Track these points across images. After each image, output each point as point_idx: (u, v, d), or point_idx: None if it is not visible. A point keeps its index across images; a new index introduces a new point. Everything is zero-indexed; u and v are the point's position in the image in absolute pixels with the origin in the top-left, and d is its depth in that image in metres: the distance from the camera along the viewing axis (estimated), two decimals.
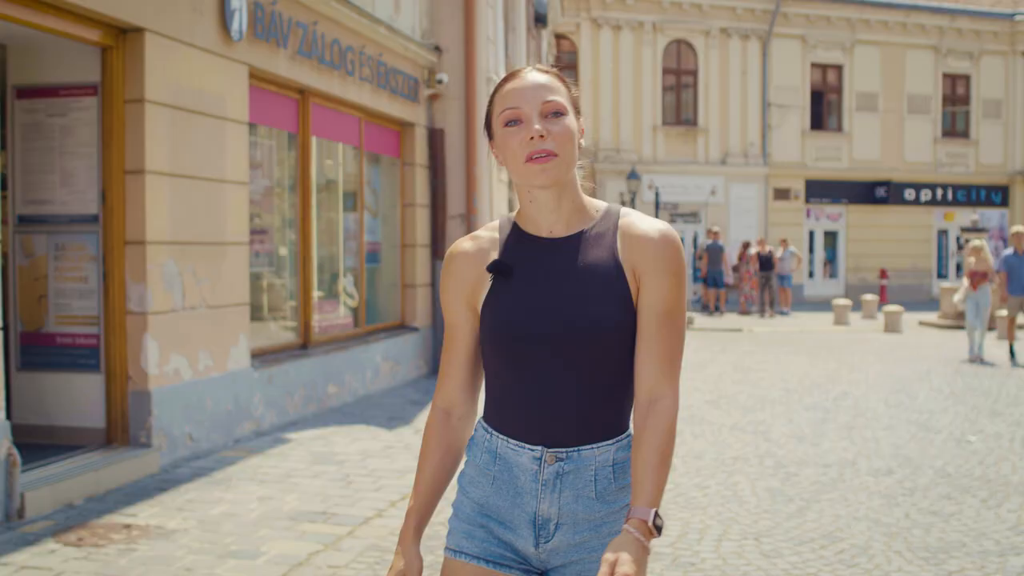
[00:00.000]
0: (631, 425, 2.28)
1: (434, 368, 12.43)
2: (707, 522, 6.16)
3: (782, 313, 25.59)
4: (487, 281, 2.31)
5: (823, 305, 28.38)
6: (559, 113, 2.23)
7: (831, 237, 32.71)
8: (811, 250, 32.36)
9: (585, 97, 30.22)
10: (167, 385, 7.35)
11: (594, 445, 2.25)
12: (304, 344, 9.93)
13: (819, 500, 6.71)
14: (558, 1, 24.75)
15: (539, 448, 2.26)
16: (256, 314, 9.15)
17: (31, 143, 7.34)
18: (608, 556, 2.03)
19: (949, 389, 11.99)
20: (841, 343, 18.18)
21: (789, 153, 31.98)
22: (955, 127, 33.65)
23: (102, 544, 5.51)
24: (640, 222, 2.30)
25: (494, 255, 2.33)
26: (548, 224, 2.30)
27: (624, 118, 30.79)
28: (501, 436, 2.31)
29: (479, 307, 2.33)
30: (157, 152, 7.21)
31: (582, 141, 2.30)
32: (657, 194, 21.54)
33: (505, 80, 2.30)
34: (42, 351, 7.30)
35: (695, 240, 30.44)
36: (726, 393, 11.70)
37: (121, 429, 7.18)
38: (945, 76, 33.31)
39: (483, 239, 2.38)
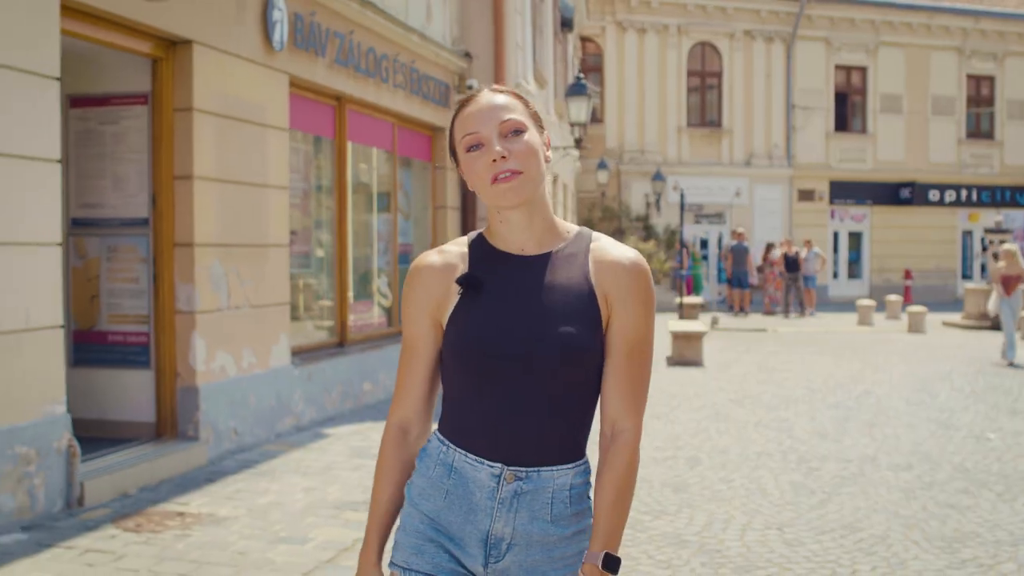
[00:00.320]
0: (585, 455, 2.29)
1: None
2: (732, 513, 6.43)
3: (811, 314, 25.69)
4: (454, 295, 2.28)
5: (847, 306, 28.51)
6: (518, 131, 2.22)
7: (855, 238, 32.84)
8: (835, 251, 32.50)
9: (610, 99, 30.49)
10: (213, 381, 7.68)
11: (554, 467, 2.23)
12: (341, 343, 10.26)
13: (840, 493, 6.96)
14: (584, 5, 25.02)
15: (499, 465, 2.23)
16: (294, 313, 9.47)
17: (84, 150, 7.68)
18: None
19: (970, 388, 12.20)
20: (865, 343, 18.37)
21: (813, 154, 32.13)
22: (979, 128, 33.74)
23: (159, 530, 5.84)
24: (612, 248, 2.29)
25: (462, 269, 2.30)
26: (519, 242, 2.29)
27: (649, 120, 31.00)
28: (459, 450, 2.27)
29: (444, 321, 2.30)
30: (204, 158, 7.54)
31: (549, 153, 2.29)
32: (682, 195, 21.74)
33: (462, 105, 2.29)
34: (94, 348, 7.63)
35: (719, 241, 30.62)
36: (750, 392, 11.95)
37: (170, 423, 7.51)
38: (969, 77, 33.40)
39: (451, 253, 2.34)
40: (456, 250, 2.33)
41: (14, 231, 5.80)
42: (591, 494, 2.28)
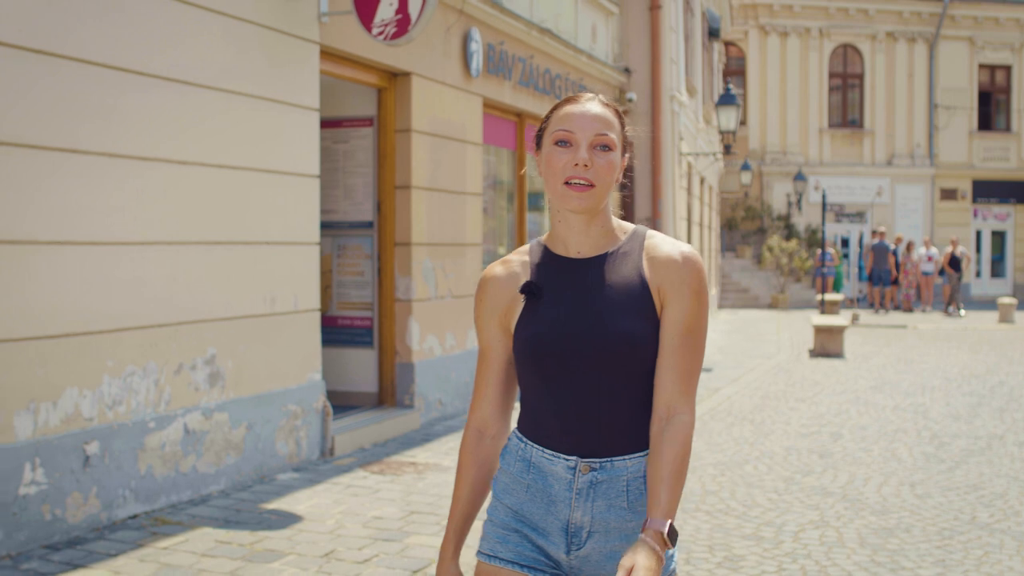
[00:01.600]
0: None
1: None
2: (869, 474, 7.56)
3: (955, 312, 25.92)
4: (520, 303, 2.39)
5: (990, 304, 28.82)
6: (607, 147, 2.29)
7: (999, 237, 32.99)
8: (978, 250, 32.70)
9: (753, 102, 31.35)
10: (425, 359, 9.12)
11: (626, 456, 2.32)
12: None
13: (967, 462, 8.01)
14: (728, 12, 26.01)
15: (573, 458, 2.32)
16: None
17: (322, 164, 9.18)
18: (624, 562, 2.13)
19: None
20: (1003, 339, 19.01)
21: (956, 154, 32.42)
22: None
23: (400, 474, 7.27)
24: (664, 244, 2.38)
25: (525, 277, 2.40)
26: (576, 245, 2.38)
27: (791, 121, 31.76)
28: (536, 446, 2.37)
29: (512, 327, 2.41)
30: (419, 171, 8.98)
31: (620, 176, 2.38)
32: (824, 196, 22.59)
33: (566, 102, 2.38)
34: (327, 331, 9.12)
35: (860, 240, 31.19)
36: (889, 380, 12.94)
37: (390, 393, 8.97)
38: None
39: (513, 263, 2.45)
40: (518, 259, 2.46)
41: (289, 233, 7.30)
42: None
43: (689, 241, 17.21)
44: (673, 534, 2.19)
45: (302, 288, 7.47)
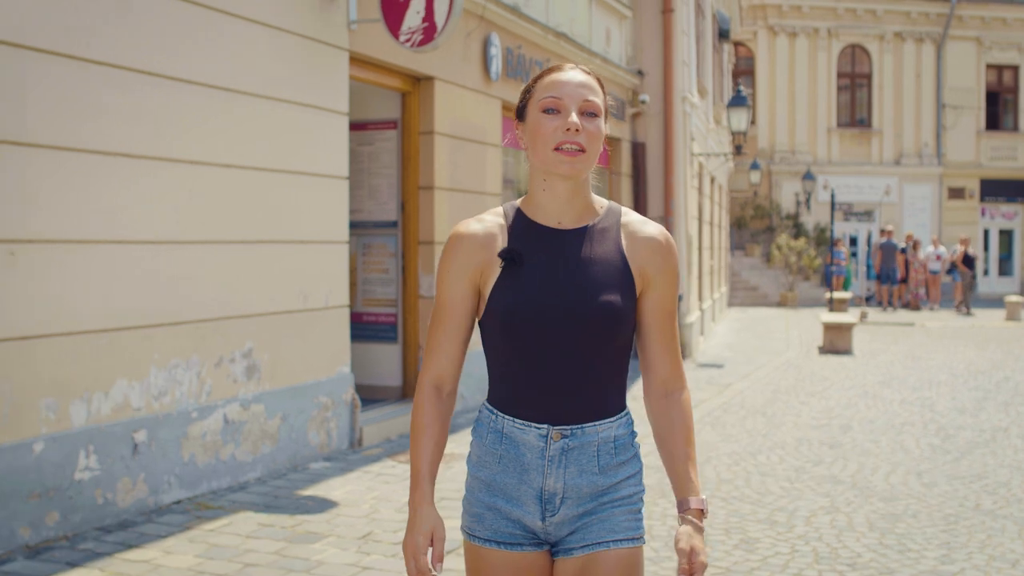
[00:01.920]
0: (626, 407, 2.48)
1: None
2: (878, 464, 7.85)
3: (968, 314, 26.06)
4: (495, 266, 2.37)
5: (997, 302, 29.04)
6: (594, 114, 2.33)
7: (1006, 236, 33.22)
8: (986, 248, 32.93)
9: (761, 101, 31.60)
10: None
11: (596, 423, 2.37)
12: None
13: (972, 453, 8.30)
14: (737, 13, 26.26)
15: (545, 426, 2.36)
16: None
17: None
18: (682, 546, 2.29)
19: None
20: (1010, 337, 19.28)
21: (963, 153, 32.65)
22: None
23: None
24: (643, 225, 2.44)
25: (502, 241, 2.39)
26: (558, 215, 2.39)
27: (799, 121, 32.02)
28: (507, 417, 2.40)
29: (485, 289, 2.39)
30: (442, 172, 9.28)
31: (605, 145, 2.40)
32: (832, 195, 22.85)
33: (550, 71, 2.41)
34: (352, 326, 9.38)
35: (869, 239, 31.44)
36: (897, 376, 13.22)
37: (413, 387, 9.28)
38: None
39: (490, 223, 2.43)
40: (495, 220, 2.43)
41: (320, 232, 7.61)
42: (636, 442, 2.47)
43: (698, 238, 17.50)
44: (706, 506, 2.36)
45: (333, 285, 7.78)
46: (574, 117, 2.29)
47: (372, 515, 6.13)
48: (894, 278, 26.67)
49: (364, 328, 9.41)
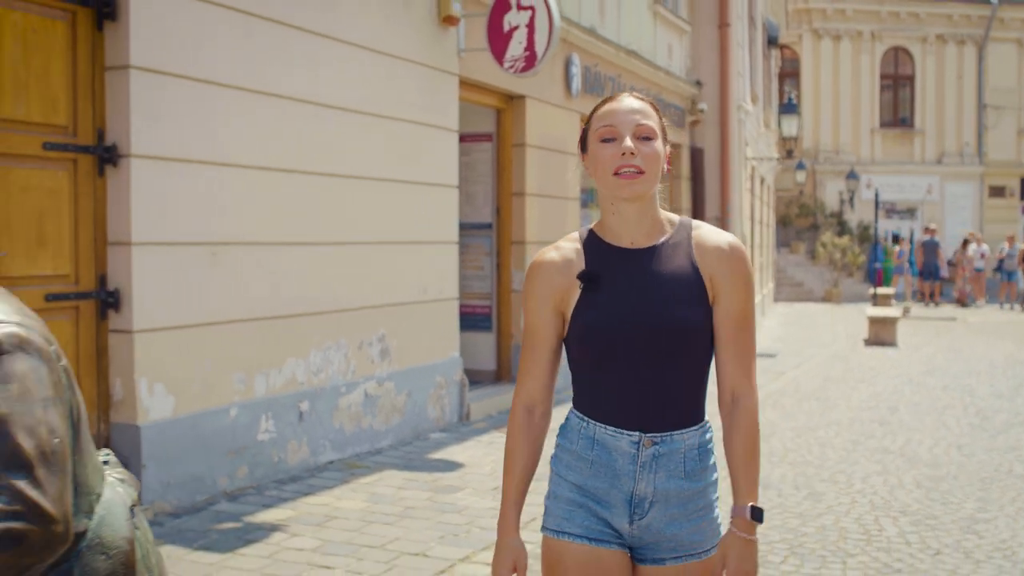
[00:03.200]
0: (706, 416, 2.56)
1: None
2: (923, 438, 8.93)
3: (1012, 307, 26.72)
4: (576, 289, 2.47)
5: None
6: (649, 137, 2.42)
7: None
8: None
9: (806, 102, 32.54)
10: None
11: (683, 430, 2.47)
12: None
13: (1007, 431, 9.34)
14: (784, 18, 27.28)
15: (636, 434, 2.44)
16: None
17: None
18: (730, 564, 2.40)
19: None
20: None
21: (1005, 152, 33.45)
22: None
23: None
24: (712, 234, 2.51)
25: (579, 264, 2.49)
26: (629, 235, 2.49)
27: (843, 121, 32.98)
28: (598, 424, 2.48)
29: (567, 312, 2.50)
30: (532, 180, 10.43)
31: (666, 165, 2.48)
32: (876, 194, 23.82)
33: (604, 102, 2.51)
34: None
35: (911, 237, 32.29)
36: (939, 366, 14.25)
37: (506, 370, 10.44)
38: None
39: (566, 250, 2.54)
40: (570, 246, 2.54)
41: (435, 234, 8.78)
42: (713, 449, 2.55)
43: (751, 237, 18.55)
44: (757, 514, 2.40)
45: (445, 280, 8.95)
46: (628, 142, 2.39)
47: (494, 474, 7.28)
48: (936, 274, 27.48)
49: (463, 318, 10.55)
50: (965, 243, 28.29)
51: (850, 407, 10.56)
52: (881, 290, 23.85)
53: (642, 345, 2.41)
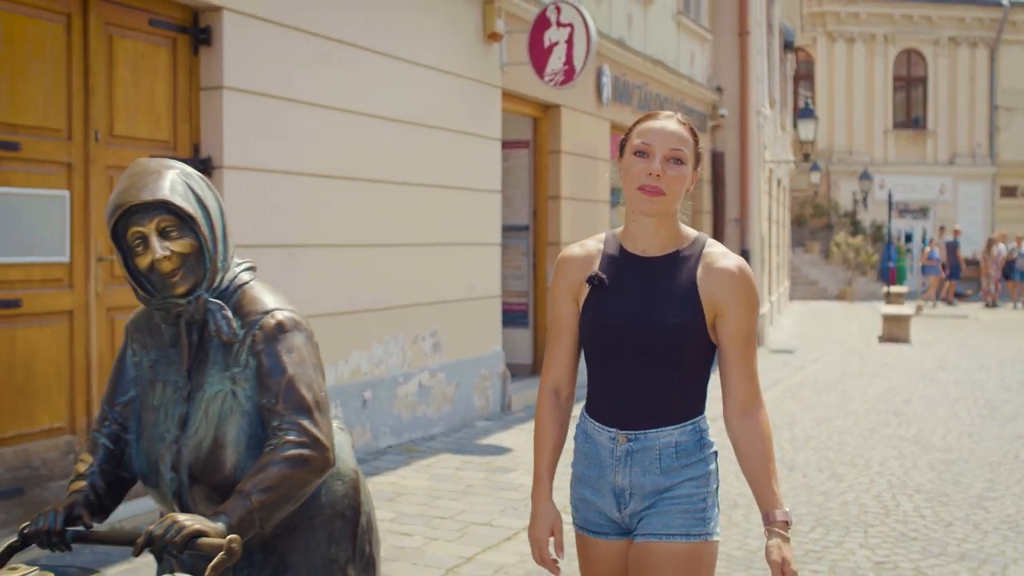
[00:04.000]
0: (696, 416, 2.66)
1: None
2: (935, 427, 9.55)
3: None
4: (587, 286, 2.66)
5: None
6: (679, 161, 2.55)
7: None
8: None
9: (820, 104, 33.11)
10: None
11: (660, 429, 2.60)
12: None
13: (1015, 421, 9.95)
14: (798, 20, 27.86)
15: (614, 430, 2.62)
16: None
17: None
18: (774, 559, 2.47)
19: None
20: None
21: (1016, 152, 33.98)
22: None
23: None
24: (721, 257, 2.64)
25: (597, 264, 2.67)
26: (644, 244, 2.64)
27: (856, 123, 33.57)
28: (590, 419, 2.70)
29: (580, 307, 2.69)
30: (566, 184, 11.08)
31: (691, 187, 2.63)
32: (890, 195, 24.42)
33: (647, 117, 2.64)
34: None
35: (924, 237, 32.84)
36: (950, 361, 14.87)
37: (541, 364, 11.04)
38: None
39: (590, 247, 2.73)
40: (595, 245, 2.73)
41: (480, 236, 9.44)
42: (709, 450, 2.67)
43: (768, 237, 19.14)
44: (789, 518, 2.54)
45: (489, 279, 9.61)
46: (657, 163, 2.53)
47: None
48: (957, 274, 27.94)
49: (502, 315, 11.20)
50: (990, 243, 28.66)
51: (866, 399, 11.18)
52: (894, 288, 24.42)
53: (631, 347, 2.58)
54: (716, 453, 2.68)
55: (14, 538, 2.36)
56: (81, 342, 5.75)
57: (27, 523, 2.36)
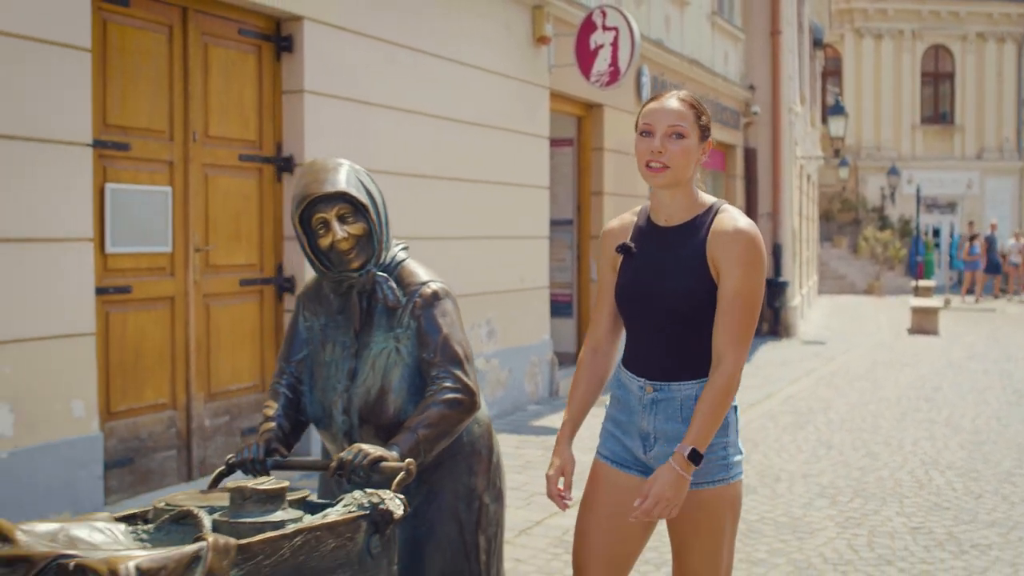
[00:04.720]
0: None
1: None
2: (965, 412, 9.97)
3: None
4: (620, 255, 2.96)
5: None
6: (680, 135, 2.76)
7: None
8: None
9: (848, 99, 33.41)
10: None
11: (681, 383, 2.85)
12: None
13: None
14: (827, 17, 28.23)
15: (642, 379, 2.89)
16: None
17: None
18: (645, 489, 2.73)
19: None
20: None
21: None
22: None
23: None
24: (726, 220, 2.82)
25: (629, 235, 2.96)
26: (664, 214, 2.89)
27: (884, 118, 33.89)
28: (624, 369, 2.97)
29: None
30: (608, 180, 11.57)
31: (703, 156, 2.84)
32: (918, 190, 24.77)
33: (651, 100, 2.86)
34: None
35: (952, 231, 33.13)
36: (979, 352, 15.27)
37: None
38: None
39: (627, 220, 3.03)
40: (629, 218, 3.02)
41: (530, 229, 9.94)
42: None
43: (799, 232, 19.54)
44: (695, 457, 2.70)
45: (538, 271, 10.12)
46: (658, 141, 2.76)
47: (592, 437, 8.40)
48: (998, 269, 28.18)
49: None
50: (1018, 237, 28.82)
51: (897, 386, 11.63)
52: (922, 282, 24.80)
53: (649, 311, 2.85)
54: (736, 407, 2.92)
55: (222, 467, 2.90)
56: (181, 326, 6.29)
57: (231, 454, 2.90)
